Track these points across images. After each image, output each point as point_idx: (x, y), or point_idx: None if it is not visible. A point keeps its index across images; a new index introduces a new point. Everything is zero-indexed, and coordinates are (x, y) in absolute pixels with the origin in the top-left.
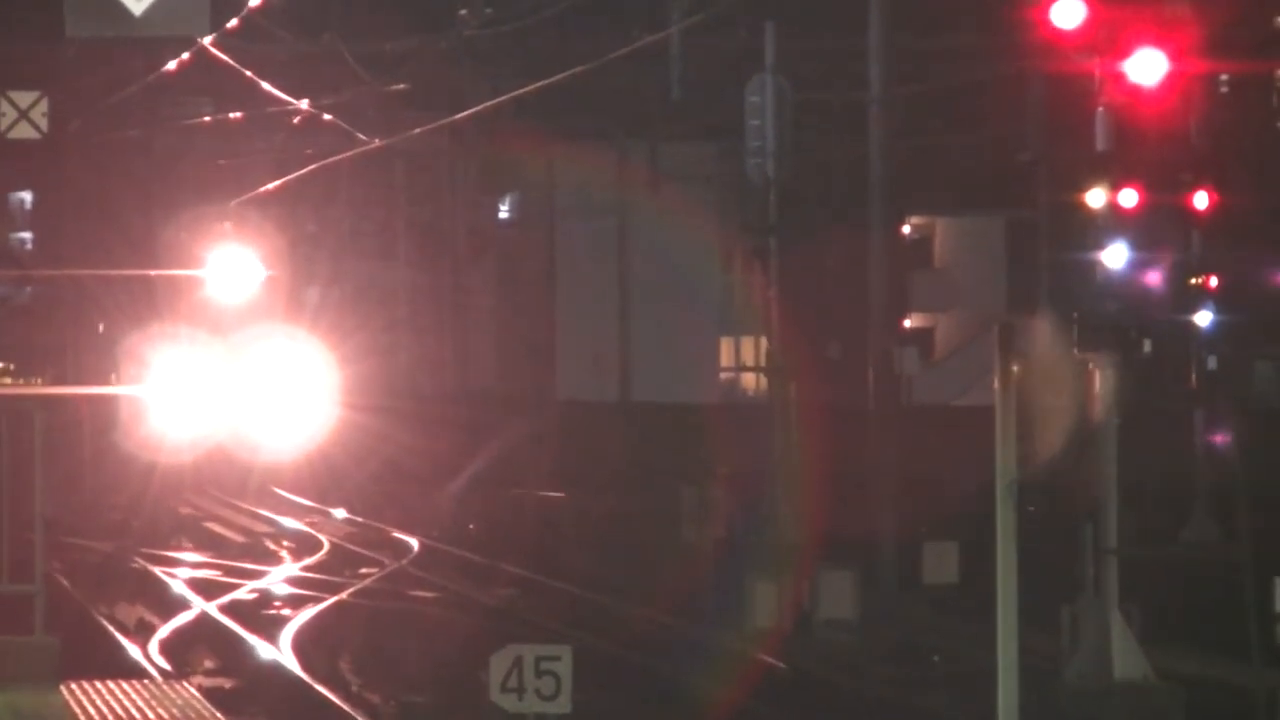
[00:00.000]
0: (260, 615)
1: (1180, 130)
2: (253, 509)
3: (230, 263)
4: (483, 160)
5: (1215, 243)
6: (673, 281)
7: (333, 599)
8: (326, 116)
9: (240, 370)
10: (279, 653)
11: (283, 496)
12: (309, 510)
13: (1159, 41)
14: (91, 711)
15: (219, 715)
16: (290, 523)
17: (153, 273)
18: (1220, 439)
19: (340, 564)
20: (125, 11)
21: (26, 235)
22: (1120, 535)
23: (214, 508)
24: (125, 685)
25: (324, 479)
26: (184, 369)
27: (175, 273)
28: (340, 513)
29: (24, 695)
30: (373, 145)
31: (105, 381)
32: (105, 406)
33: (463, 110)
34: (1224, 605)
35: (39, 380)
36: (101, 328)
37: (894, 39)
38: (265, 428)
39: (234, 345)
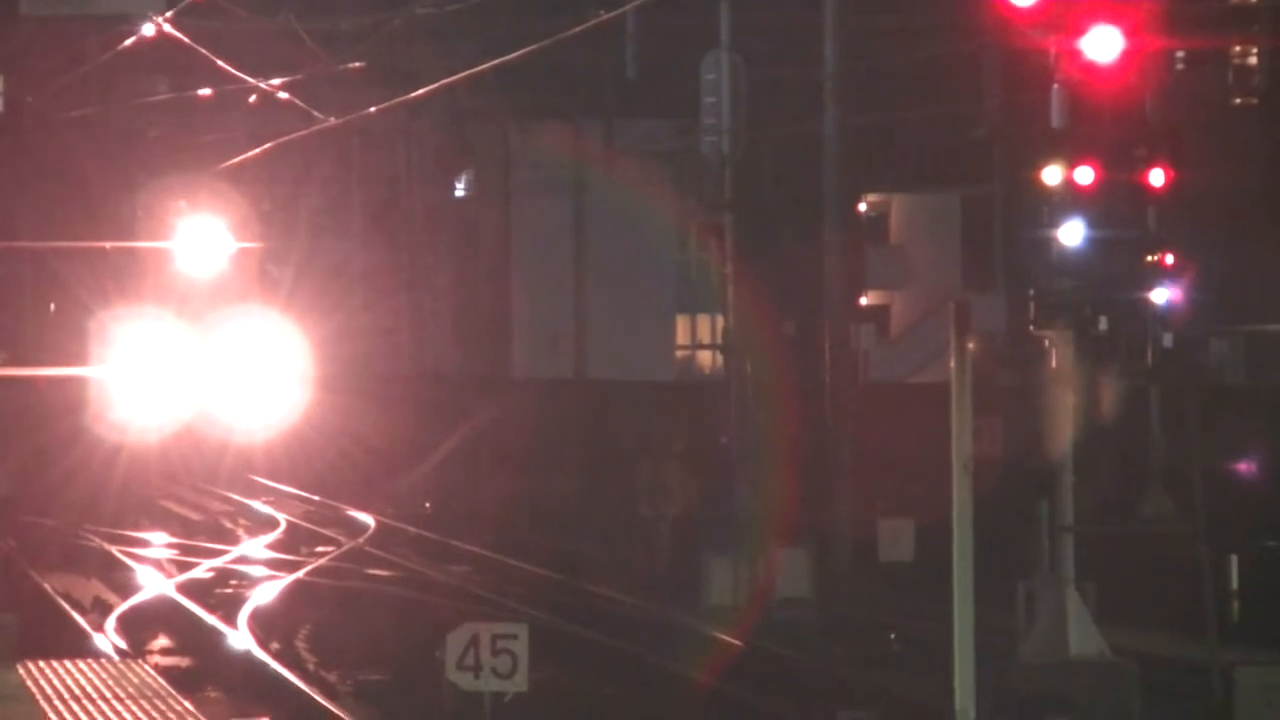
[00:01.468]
0: (218, 594)
1: (1136, 107)
2: (212, 489)
3: (189, 238)
4: (439, 138)
5: (1171, 220)
6: (629, 259)
7: (290, 577)
8: (282, 95)
9: (206, 350)
10: (236, 631)
11: (246, 477)
12: (270, 490)
13: (1115, 18)
14: (49, 690)
15: (176, 694)
16: (252, 503)
17: (108, 244)
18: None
19: (298, 542)
20: None
21: None
22: (1076, 512)
23: (175, 488)
24: (83, 664)
25: (288, 460)
26: (148, 348)
27: (131, 244)
28: (301, 493)
29: None
30: (328, 123)
31: (67, 361)
32: (68, 387)
33: (419, 88)
34: (1180, 581)
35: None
36: (94, 306)
37: (850, 16)
38: (232, 408)
39: (198, 324)
